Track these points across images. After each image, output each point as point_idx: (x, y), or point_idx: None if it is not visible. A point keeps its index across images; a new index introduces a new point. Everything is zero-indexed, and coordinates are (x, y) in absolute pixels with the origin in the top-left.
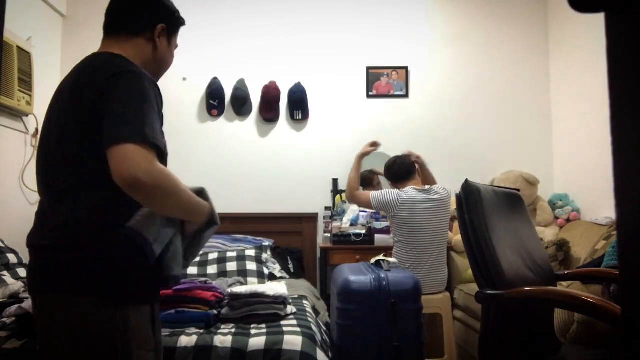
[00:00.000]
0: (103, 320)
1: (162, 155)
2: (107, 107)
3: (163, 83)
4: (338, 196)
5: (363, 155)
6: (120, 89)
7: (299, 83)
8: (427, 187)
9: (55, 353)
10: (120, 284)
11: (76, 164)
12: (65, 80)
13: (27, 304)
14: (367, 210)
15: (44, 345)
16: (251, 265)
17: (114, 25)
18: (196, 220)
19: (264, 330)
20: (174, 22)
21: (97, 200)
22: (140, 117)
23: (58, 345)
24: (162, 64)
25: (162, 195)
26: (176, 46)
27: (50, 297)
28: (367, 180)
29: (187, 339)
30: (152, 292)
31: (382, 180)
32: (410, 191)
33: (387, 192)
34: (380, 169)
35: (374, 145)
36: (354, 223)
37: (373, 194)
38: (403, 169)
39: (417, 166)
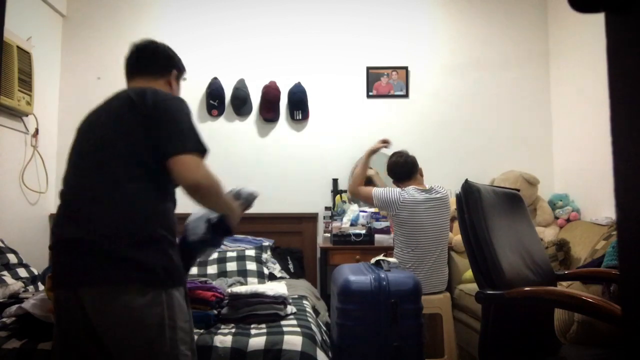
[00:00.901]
0: (152, 302)
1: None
2: (164, 124)
3: None
4: (338, 196)
5: (372, 152)
6: (174, 109)
7: (299, 83)
8: (428, 186)
9: (108, 341)
10: (165, 269)
11: (121, 167)
12: (104, 107)
13: (28, 303)
14: (367, 210)
15: (77, 337)
16: (251, 265)
17: (140, 69)
18: (232, 219)
19: (264, 330)
20: (181, 69)
21: (140, 196)
22: (193, 132)
23: (109, 333)
24: None
25: (215, 195)
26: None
27: (99, 289)
28: (367, 180)
29: None
30: (183, 275)
31: (387, 180)
32: (411, 191)
33: (389, 191)
34: (380, 168)
35: (385, 142)
36: (354, 223)
37: (375, 191)
38: (405, 169)
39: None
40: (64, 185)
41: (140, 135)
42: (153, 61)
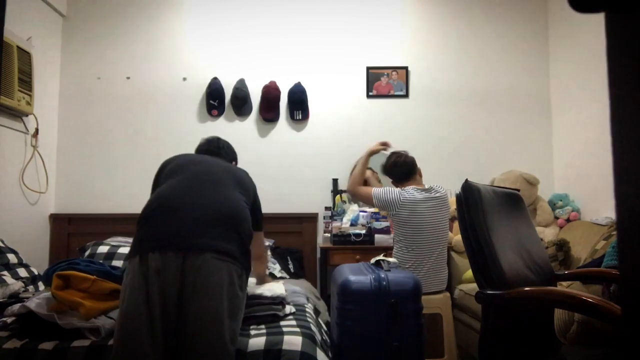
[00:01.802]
0: (242, 286)
1: None
2: (255, 206)
3: (163, 83)
4: (338, 196)
5: (372, 153)
6: (257, 198)
7: (299, 83)
8: (427, 186)
9: (195, 306)
10: (250, 265)
11: (241, 194)
12: (206, 159)
13: (32, 303)
14: (367, 210)
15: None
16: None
17: (219, 151)
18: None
19: (264, 331)
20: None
21: (248, 212)
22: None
23: (202, 295)
24: None
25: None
26: None
27: (213, 256)
28: (368, 179)
29: None
30: None
31: (383, 179)
32: (411, 191)
33: (389, 191)
34: (378, 168)
35: (385, 145)
36: (354, 223)
37: (375, 191)
38: (404, 169)
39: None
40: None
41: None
42: (227, 149)
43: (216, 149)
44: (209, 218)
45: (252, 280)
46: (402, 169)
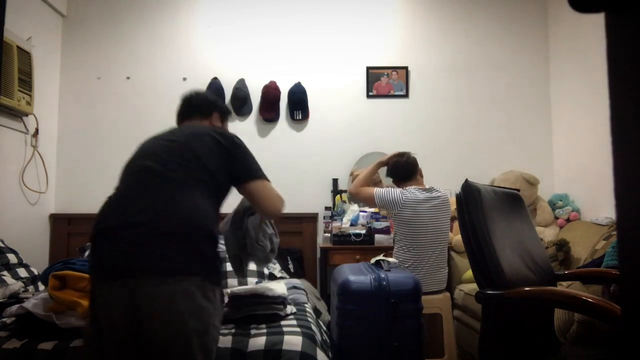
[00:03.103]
0: (215, 296)
1: None
2: (238, 156)
3: (163, 83)
4: (338, 196)
5: (382, 164)
6: (242, 146)
7: (299, 83)
8: (428, 186)
9: (160, 332)
10: (217, 268)
11: (198, 179)
12: (176, 132)
13: (29, 303)
14: (367, 210)
15: (135, 331)
16: (251, 265)
17: (191, 113)
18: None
19: (264, 331)
20: (225, 112)
21: (205, 202)
22: (258, 165)
23: (159, 324)
24: None
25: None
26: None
27: (161, 279)
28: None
29: None
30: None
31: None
32: (413, 190)
33: (390, 191)
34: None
35: (398, 155)
36: (354, 223)
37: (377, 191)
38: (406, 169)
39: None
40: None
41: (222, 164)
42: (200, 104)
43: (188, 112)
44: (150, 235)
45: (252, 280)
46: (403, 169)
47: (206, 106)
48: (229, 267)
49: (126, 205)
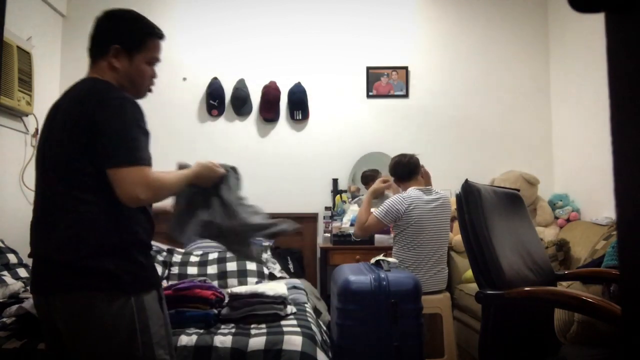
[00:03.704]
0: (120, 308)
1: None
2: (100, 133)
3: (163, 83)
4: (338, 196)
5: (375, 193)
6: (108, 115)
7: (299, 83)
8: (428, 187)
9: (81, 347)
10: (133, 275)
11: (77, 174)
12: (57, 105)
13: (28, 303)
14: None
15: (55, 343)
16: (251, 265)
17: (90, 50)
18: (199, 182)
19: (264, 330)
20: (132, 39)
21: (99, 204)
22: (130, 141)
23: (84, 339)
24: (133, 82)
25: (160, 197)
26: (154, 61)
27: (70, 296)
28: (370, 178)
29: (187, 339)
30: (157, 278)
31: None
32: (413, 192)
33: (388, 202)
34: (379, 169)
35: (386, 181)
36: (353, 223)
37: (376, 213)
38: (407, 170)
39: (422, 167)
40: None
41: (84, 146)
42: (94, 37)
43: (88, 48)
44: (45, 262)
45: (252, 280)
46: (405, 168)
47: (102, 36)
48: (229, 267)
49: (33, 235)
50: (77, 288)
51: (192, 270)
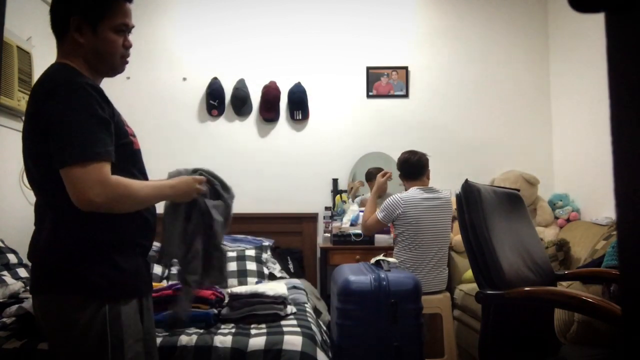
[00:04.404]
0: (92, 315)
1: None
2: (48, 129)
3: (163, 83)
4: (338, 196)
5: (379, 190)
6: (54, 107)
7: (299, 83)
8: (431, 187)
9: (53, 349)
10: (109, 281)
11: (42, 180)
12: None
13: (28, 303)
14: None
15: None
16: (251, 265)
17: (52, 29)
18: (176, 198)
19: (264, 331)
20: (92, 6)
21: (70, 209)
22: (81, 134)
23: (55, 342)
24: (102, 57)
25: (122, 203)
26: (124, 27)
27: (44, 298)
28: (372, 175)
29: (187, 339)
30: (139, 285)
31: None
32: (412, 191)
33: (386, 203)
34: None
35: (385, 174)
36: (354, 223)
37: (378, 213)
38: (415, 168)
39: (428, 168)
40: None
41: (39, 152)
42: (52, 14)
43: (54, 34)
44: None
45: (252, 280)
46: (412, 167)
47: (60, 9)
48: (229, 267)
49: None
50: (51, 289)
51: None
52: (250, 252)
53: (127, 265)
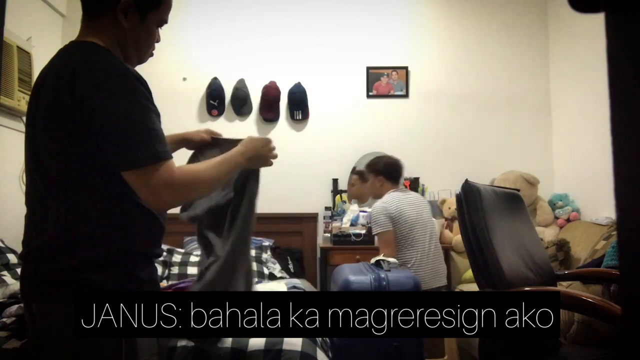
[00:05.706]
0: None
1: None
2: (101, 126)
3: (163, 83)
4: (338, 196)
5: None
6: (108, 99)
7: (299, 83)
8: (402, 188)
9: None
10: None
11: (62, 177)
12: (42, 77)
13: None
14: (367, 209)
15: (36, 349)
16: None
17: (84, 5)
18: (249, 164)
19: None
20: None
21: (84, 211)
22: (145, 133)
23: (60, 355)
24: (138, 46)
25: (195, 192)
26: (162, 23)
27: (51, 307)
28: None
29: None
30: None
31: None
32: (392, 194)
33: (375, 214)
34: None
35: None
36: (354, 223)
37: (377, 229)
38: (397, 173)
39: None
40: None
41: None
42: None
43: (82, 3)
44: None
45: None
46: (397, 171)
47: None
48: None
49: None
50: (55, 298)
51: (192, 270)
52: (250, 252)
53: (144, 275)
